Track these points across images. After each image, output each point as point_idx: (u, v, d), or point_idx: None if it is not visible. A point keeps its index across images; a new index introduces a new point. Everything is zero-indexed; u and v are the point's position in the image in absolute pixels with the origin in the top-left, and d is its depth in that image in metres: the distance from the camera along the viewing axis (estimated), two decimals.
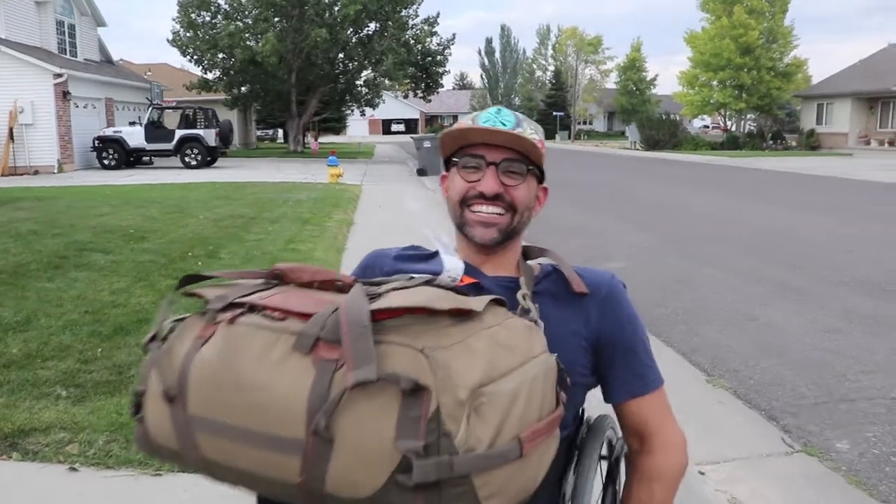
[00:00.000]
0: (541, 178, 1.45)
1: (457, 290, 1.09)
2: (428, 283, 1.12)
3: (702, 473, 3.33)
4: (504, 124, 1.38)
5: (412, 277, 1.16)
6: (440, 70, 37.77)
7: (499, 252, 1.43)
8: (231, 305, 1.07)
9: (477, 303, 1.04)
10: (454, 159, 1.42)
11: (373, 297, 1.01)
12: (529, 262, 1.48)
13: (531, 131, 1.41)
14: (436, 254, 1.40)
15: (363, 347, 0.91)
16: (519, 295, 1.32)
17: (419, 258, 1.48)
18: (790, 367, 4.99)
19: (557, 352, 1.13)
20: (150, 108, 26.22)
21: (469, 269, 1.36)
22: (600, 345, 1.42)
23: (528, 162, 1.39)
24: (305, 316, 0.99)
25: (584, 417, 1.53)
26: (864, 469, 3.53)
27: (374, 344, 0.91)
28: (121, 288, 6.47)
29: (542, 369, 1.05)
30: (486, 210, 1.38)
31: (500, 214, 1.38)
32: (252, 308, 1.05)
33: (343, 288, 1.09)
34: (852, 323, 6.02)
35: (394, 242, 1.63)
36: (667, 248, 9.74)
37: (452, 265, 1.29)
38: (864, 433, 3.94)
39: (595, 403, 1.55)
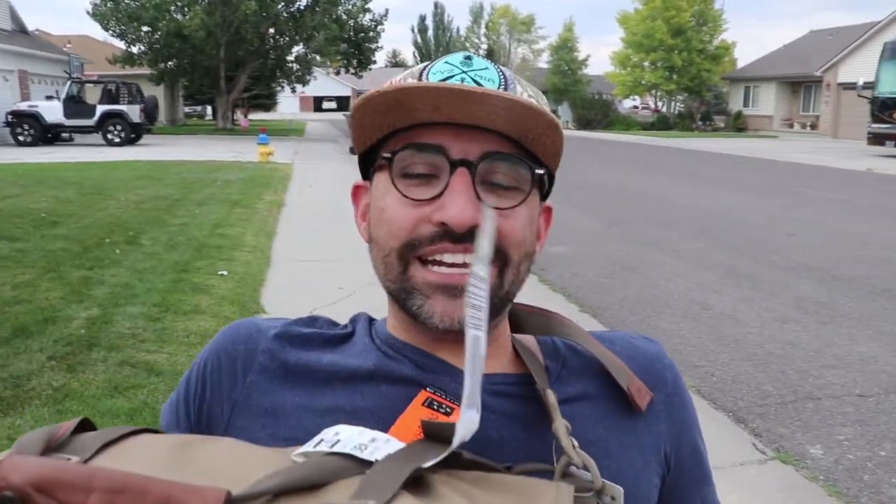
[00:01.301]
0: (545, 191, 0.79)
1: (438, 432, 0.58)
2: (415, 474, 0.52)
3: None
4: (481, 83, 0.71)
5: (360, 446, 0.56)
6: (373, 47, 37.06)
7: None
8: None
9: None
10: (384, 155, 0.72)
11: None
12: (517, 336, 0.82)
13: (532, 100, 0.70)
14: (351, 334, 0.81)
15: None
16: (558, 430, 0.68)
17: (324, 344, 0.79)
18: (750, 361, 4.77)
19: None
20: (70, 82, 24.91)
21: (430, 364, 0.75)
22: (671, 469, 0.81)
23: (532, 160, 0.72)
24: None
25: None
26: (842, 478, 3.30)
27: None
28: (25, 281, 5.86)
29: None
30: (452, 261, 0.69)
31: None
32: None
33: None
34: (806, 312, 5.86)
35: (326, 225, 0.90)
36: (612, 232, 9.53)
37: (467, 424, 0.58)
38: (835, 436, 3.72)
39: None
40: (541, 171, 0.72)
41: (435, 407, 0.71)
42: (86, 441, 0.58)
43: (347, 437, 0.59)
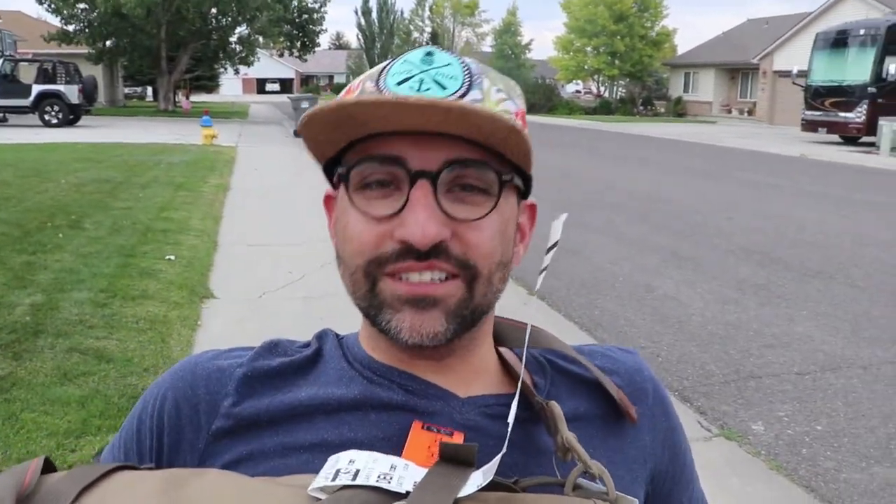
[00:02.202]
0: (524, 190, 0.75)
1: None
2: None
3: None
4: (441, 84, 0.66)
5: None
6: (316, 29, 36.77)
7: (457, 350, 0.72)
8: None
9: None
10: (339, 172, 0.69)
11: None
12: (504, 351, 0.80)
13: (499, 96, 0.68)
14: (319, 354, 0.76)
15: None
16: (569, 439, 0.66)
17: (297, 373, 0.74)
18: (694, 341, 4.93)
19: None
20: (3, 60, 24.05)
21: (418, 388, 0.72)
22: (655, 478, 0.80)
23: (500, 163, 0.67)
24: None
25: None
26: (783, 452, 3.46)
27: None
28: None
29: None
30: (418, 280, 0.66)
31: (445, 280, 0.66)
32: None
33: None
34: (746, 294, 6.05)
35: (273, 209, 0.72)
36: (555, 215, 9.64)
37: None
38: (776, 412, 3.88)
39: None
40: (508, 177, 0.67)
41: (434, 430, 0.68)
42: (59, 487, 0.55)
43: (365, 465, 0.56)
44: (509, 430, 0.59)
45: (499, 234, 0.68)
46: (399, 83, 0.66)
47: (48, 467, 0.57)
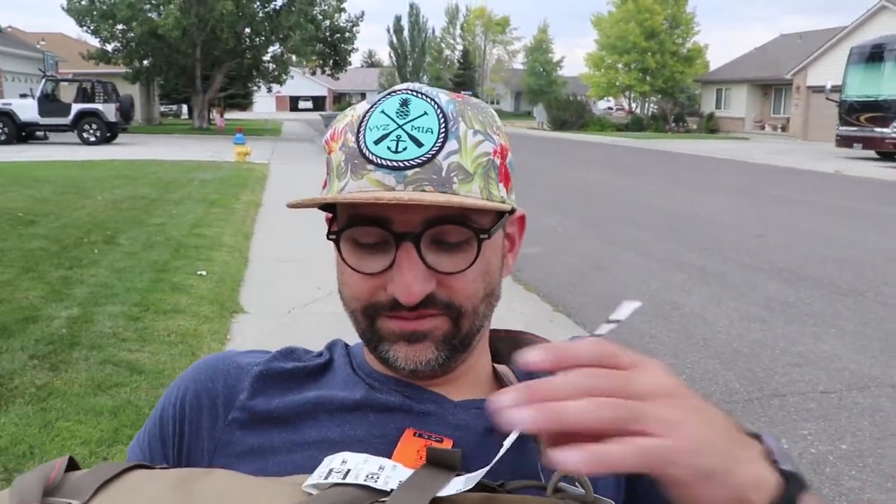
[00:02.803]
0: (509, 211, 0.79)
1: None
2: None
3: None
4: (417, 141, 0.70)
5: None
6: (348, 47, 37.09)
7: (450, 366, 0.77)
8: None
9: None
10: (330, 236, 0.75)
11: None
12: (497, 366, 0.85)
13: (476, 139, 0.72)
14: (330, 362, 0.83)
15: None
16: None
17: (308, 377, 0.81)
18: (719, 359, 4.92)
19: None
20: (44, 80, 24.69)
21: (415, 393, 0.78)
22: (638, 481, 0.81)
23: (479, 217, 0.72)
24: None
25: None
26: (805, 471, 3.44)
27: None
28: (5, 280, 5.88)
29: None
30: (410, 317, 0.73)
31: (433, 316, 0.73)
32: None
33: None
34: (773, 312, 6.03)
35: (303, 225, 0.76)
36: (584, 232, 9.68)
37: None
38: (799, 430, 3.87)
39: None
40: (484, 236, 0.71)
41: (425, 437, 0.73)
42: (81, 482, 0.60)
43: (356, 466, 0.61)
44: (501, 451, 0.62)
45: (481, 275, 0.74)
46: (377, 142, 0.70)
47: (72, 465, 0.64)
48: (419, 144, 0.70)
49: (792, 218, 11.06)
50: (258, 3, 32.40)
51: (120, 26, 31.12)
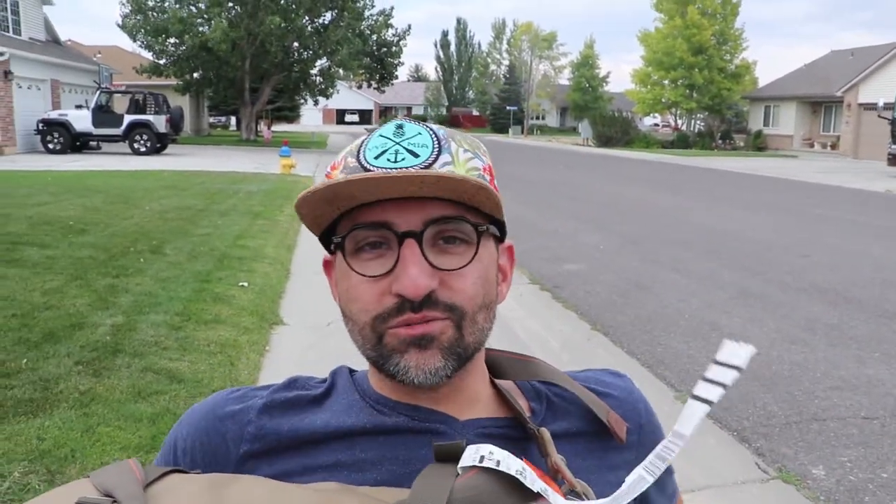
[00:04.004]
0: (501, 236, 0.84)
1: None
2: None
3: None
4: (414, 153, 0.75)
5: None
6: (395, 61, 37.46)
7: (454, 381, 0.79)
8: None
9: None
10: (335, 241, 0.79)
11: None
12: (498, 381, 0.87)
13: (466, 155, 0.78)
14: (332, 388, 0.85)
15: None
16: (557, 462, 0.75)
17: (312, 404, 0.83)
18: (758, 381, 4.85)
19: None
20: (99, 92, 25.40)
21: (421, 414, 0.81)
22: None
23: (475, 216, 0.77)
24: None
25: None
26: (843, 499, 3.38)
27: None
28: (54, 287, 6.05)
29: None
30: (414, 333, 0.75)
31: (438, 319, 0.75)
32: None
33: None
34: (816, 334, 5.92)
35: None
36: (626, 250, 9.61)
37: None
38: (838, 457, 3.80)
39: None
40: (483, 228, 0.76)
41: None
42: (128, 487, 0.66)
43: (504, 459, 0.64)
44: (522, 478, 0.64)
45: (480, 278, 0.77)
46: (377, 157, 0.76)
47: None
48: (416, 156, 0.75)
49: (838, 238, 10.85)
50: (307, 18, 32.88)
51: (172, 40, 31.84)
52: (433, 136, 0.77)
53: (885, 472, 3.65)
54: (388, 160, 0.75)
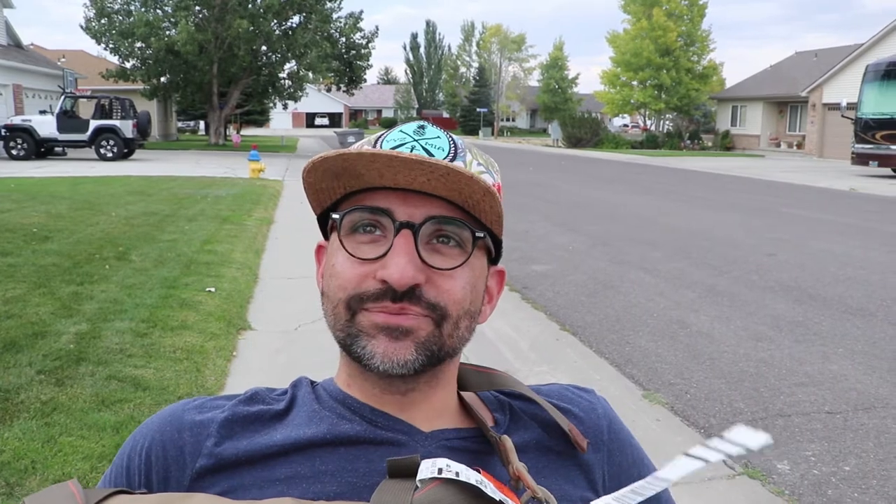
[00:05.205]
0: (495, 255, 0.86)
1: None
2: None
3: None
4: (430, 153, 0.77)
5: None
6: (364, 64, 37.46)
7: (421, 385, 0.80)
8: None
9: None
10: (333, 216, 0.79)
11: None
12: (462, 393, 0.88)
13: (479, 168, 0.80)
14: (293, 401, 0.83)
15: None
16: (519, 469, 0.75)
17: (273, 419, 0.81)
18: (724, 378, 4.90)
19: None
20: (63, 97, 25.01)
21: (381, 421, 0.80)
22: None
23: (475, 224, 0.78)
24: None
25: None
26: (807, 493, 3.42)
27: None
28: (16, 296, 5.94)
29: None
30: (388, 322, 0.75)
31: (417, 315, 0.75)
32: None
33: None
34: (781, 331, 5.99)
35: (314, 242, 0.78)
36: (595, 251, 9.66)
37: None
38: (803, 452, 3.84)
39: None
40: (481, 235, 0.77)
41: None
42: None
43: (463, 471, 0.63)
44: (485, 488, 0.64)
45: (469, 285, 0.78)
46: (393, 148, 0.77)
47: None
48: (431, 155, 0.76)
49: (804, 236, 11.00)
50: (274, 22, 32.71)
51: (138, 44, 31.50)
52: (451, 142, 0.80)
53: (848, 466, 3.70)
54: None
